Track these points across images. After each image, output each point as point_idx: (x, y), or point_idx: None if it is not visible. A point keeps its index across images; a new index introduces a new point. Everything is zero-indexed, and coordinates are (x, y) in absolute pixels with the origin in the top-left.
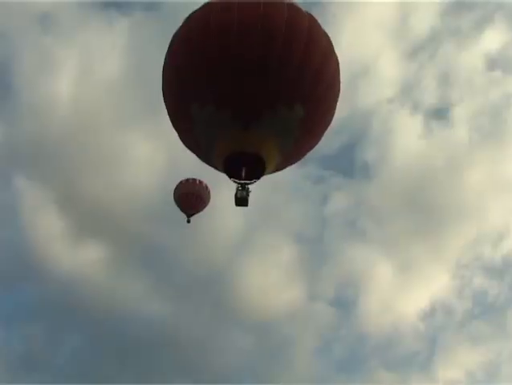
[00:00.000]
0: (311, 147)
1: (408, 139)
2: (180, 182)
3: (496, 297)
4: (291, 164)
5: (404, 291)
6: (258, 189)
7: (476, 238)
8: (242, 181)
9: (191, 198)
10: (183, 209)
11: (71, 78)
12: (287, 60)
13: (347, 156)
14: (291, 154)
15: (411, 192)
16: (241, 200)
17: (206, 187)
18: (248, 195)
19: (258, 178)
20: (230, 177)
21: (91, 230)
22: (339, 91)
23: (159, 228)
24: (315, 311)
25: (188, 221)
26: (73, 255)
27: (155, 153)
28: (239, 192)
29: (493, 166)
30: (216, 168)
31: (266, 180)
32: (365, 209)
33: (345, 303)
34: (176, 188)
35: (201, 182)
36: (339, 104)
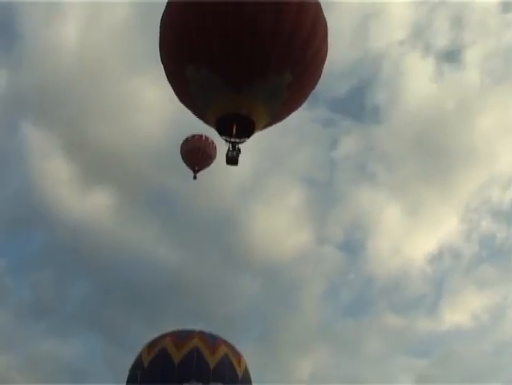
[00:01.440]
0: (297, 108)
1: (418, 82)
2: (186, 138)
3: (504, 240)
4: (277, 123)
5: (412, 235)
6: (266, 133)
7: (485, 182)
8: (233, 140)
9: (197, 154)
10: (189, 166)
11: (77, 22)
12: (279, 29)
13: (357, 99)
14: (278, 115)
15: (421, 135)
16: (232, 160)
17: (212, 142)
18: (238, 155)
19: (248, 137)
20: (221, 135)
21: (98, 176)
22: (326, 54)
23: (167, 173)
24: (323, 255)
25: (195, 178)
26: (81, 201)
27: (163, 98)
28: (230, 152)
29: (505, 110)
30: (209, 124)
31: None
32: (375, 153)
33: (353, 247)
34: (182, 145)
35: (207, 138)
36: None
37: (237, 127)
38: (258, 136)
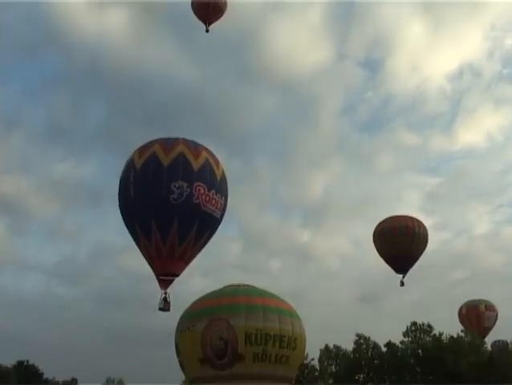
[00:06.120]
0: None
1: None
2: None
3: None
4: None
5: (433, 52)
6: None
7: None
8: None
9: (208, 8)
10: (201, 19)
11: None
12: None
13: None
14: None
15: None
16: None
17: None
18: None
19: None
20: None
21: None
22: None
23: None
24: (343, 71)
25: (207, 31)
26: (97, 21)
27: None
28: None
29: None
30: None
31: None
32: None
33: (373, 64)
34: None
35: None
36: None
37: None
38: None
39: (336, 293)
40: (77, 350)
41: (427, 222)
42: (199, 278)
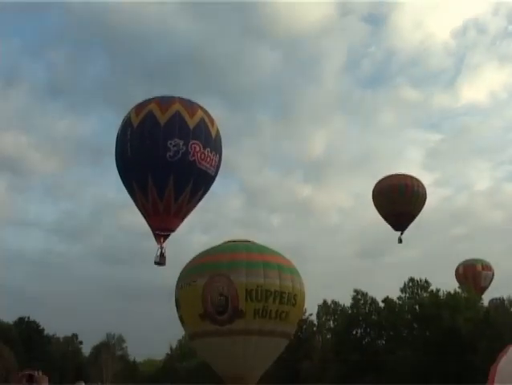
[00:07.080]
0: None
1: None
2: None
3: None
4: None
5: (437, 8)
6: None
7: None
8: None
9: None
10: None
11: None
12: None
13: None
14: None
15: None
16: None
17: None
18: None
19: None
20: None
21: None
22: None
23: None
24: (346, 27)
25: None
26: None
27: None
28: None
29: None
30: None
31: None
32: None
33: (376, 19)
34: None
35: None
36: None
37: None
38: None
39: (336, 248)
40: (77, 307)
41: (428, 179)
42: (200, 234)
